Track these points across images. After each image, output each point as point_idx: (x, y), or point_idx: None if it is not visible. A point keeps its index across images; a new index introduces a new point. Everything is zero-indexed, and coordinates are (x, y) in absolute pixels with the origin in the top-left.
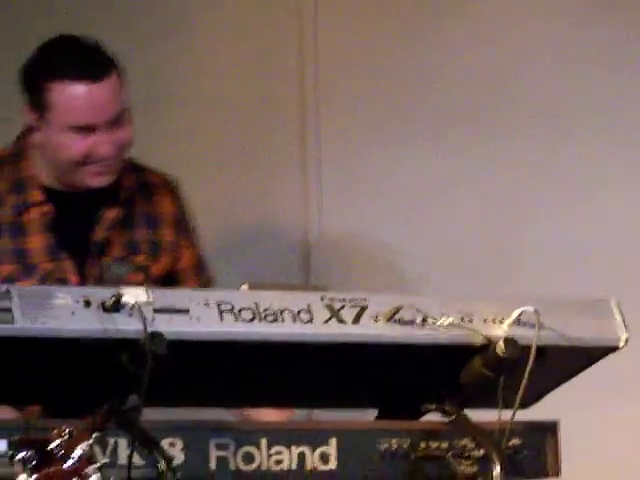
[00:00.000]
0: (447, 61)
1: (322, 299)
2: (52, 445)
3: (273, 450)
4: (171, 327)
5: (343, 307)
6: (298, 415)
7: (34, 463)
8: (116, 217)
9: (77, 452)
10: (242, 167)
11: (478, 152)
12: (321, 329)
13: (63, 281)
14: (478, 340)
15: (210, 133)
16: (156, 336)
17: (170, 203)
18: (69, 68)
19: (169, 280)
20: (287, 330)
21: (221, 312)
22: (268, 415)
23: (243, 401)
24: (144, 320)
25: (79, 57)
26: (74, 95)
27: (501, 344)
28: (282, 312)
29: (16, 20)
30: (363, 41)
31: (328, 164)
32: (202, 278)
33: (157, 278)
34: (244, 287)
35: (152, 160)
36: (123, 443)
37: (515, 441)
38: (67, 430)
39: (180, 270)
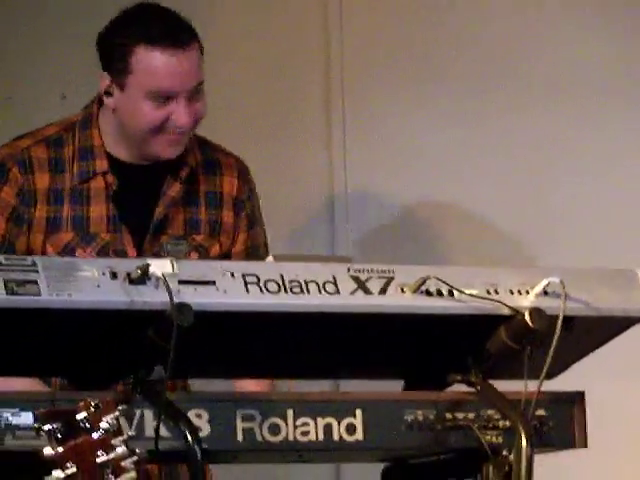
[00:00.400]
0: (475, 27)
1: (348, 270)
2: (78, 417)
3: (299, 421)
4: (197, 299)
5: (369, 278)
6: (324, 386)
7: (60, 435)
8: (177, 194)
9: (103, 424)
10: (268, 136)
11: (505, 119)
12: (347, 300)
13: (121, 253)
14: (504, 311)
15: (235, 105)
16: (182, 307)
17: (234, 185)
18: (156, 34)
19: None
20: (313, 301)
21: (247, 284)
22: (248, 386)
23: (268, 372)
24: (170, 292)
25: (165, 23)
26: (159, 60)
27: (527, 315)
28: (308, 283)
29: None
30: (389, 4)
31: (352, 130)
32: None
33: (213, 259)
34: (269, 258)
35: None
36: (149, 415)
37: (541, 412)
38: (93, 402)
39: (233, 254)
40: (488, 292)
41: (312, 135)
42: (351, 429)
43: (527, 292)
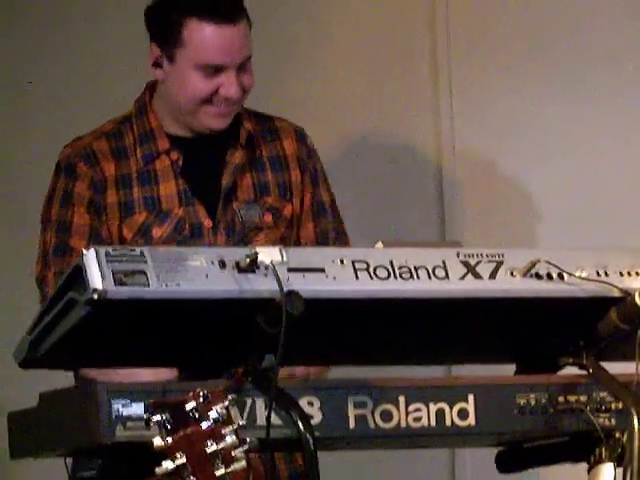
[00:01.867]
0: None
1: (457, 255)
2: (188, 407)
3: (411, 407)
4: (306, 286)
5: (479, 263)
6: (436, 372)
7: (170, 426)
8: (241, 160)
9: (213, 414)
10: (374, 105)
11: (618, 95)
12: (457, 285)
13: (197, 225)
14: (614, 293)
15: (342, 73)
16: (292, 295)
17: (295, 145)
18: (207, 7)
19: (310, 216)
20: (423, 287)
21: (356, 270)
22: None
23: (380, 359)
24: (279, 280)
25: None
26: (210, 34)
27: (637, 296)
28: (417, 269)
29: None
30: None
31: (460, 101)
32: (320, 224)
33: (288, 220)
34: (379, 245)
35: (287, 102)
36: (260, 404)
37: None
38: (203, 392)
39: (323, 206)
40: (598, 274)
41: (419, 112)
42: (463, 414)
43: (637, 273)
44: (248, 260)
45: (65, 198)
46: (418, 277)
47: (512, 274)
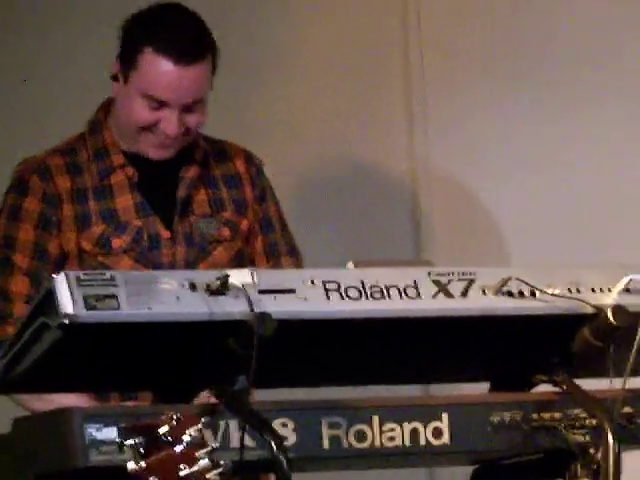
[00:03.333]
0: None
1: (429, 274)
2: (161, 431)
3: (385, 427)
4: (278, 307)
5: (450, 281)
6: (411, 391)
7: (143, 450)
8: (196, 175)
9: (186, 437)
10: (349, 119)
11: (588, 112)
12: (429, 304)
13: (155, 236)
14: (587, 309)
15: (315, 95)
16: (263, 317)
17: (245, 165)
18: (167, 41)
19: (259, 231)
20: (395, 307)
21: (327, 291)
22: None
23: (353, 379)
24: (250, 301)
25: (180, 33)
26: (161, 69)
27: (610, 312)
28: (389, 289)
29: None
30: None
31: (433, 123)
32: (268, 237)
33: (245, 234)
34: (350, 265)
35: (260, 122)
36: (234, 426)
37: (627, 409)
38: (175, 415)
39: (271, 221)
40: (570, 291)
41: (394, 132)
42: (438, 433)
43: (609, 290)
44: (219, 282)
45: (13, 213)
46: (390, 297)
47: (484, 292)
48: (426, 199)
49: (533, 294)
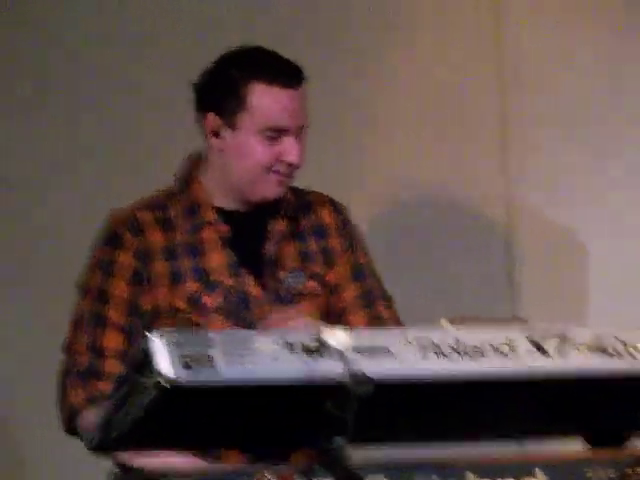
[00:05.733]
0: None
1: (524, 333)
2: None
3: None
4: (374, 367)
5: (545, 340)
6: (503, 447)
7: None
8: (284, 229)
9: None
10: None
11: None
12: (524, 363)
13: (246, 295)
14: None
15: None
16: (360, 377)
17: (332, 215)
18: (272, 71)
19: (351, 281)
20: (490, 366)
21: (423, 350)
22: None
23: (446, 437)
24: (347, 362)
25: (279, 62)
26: (275, 97)
27: None
28: (484, 348)
29: None
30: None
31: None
32: (362, 285)
33: (331, 286)
34: (444, 323)
35: (350, 171)
36: None
37: None
38: (269, 475)
39: (362, 269)
40: None
41: (489, 178)
42: None
43: None
44: (315, 342)
45: (107, 267)
46: (485, 355)
47: (579, 350)
48: (521, 253)
49: (628, 352)
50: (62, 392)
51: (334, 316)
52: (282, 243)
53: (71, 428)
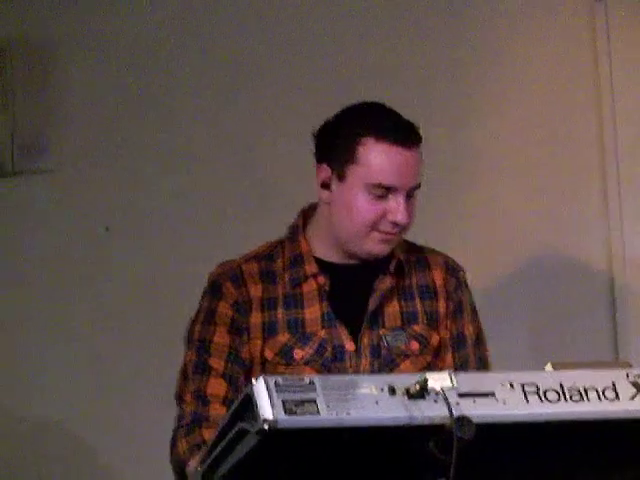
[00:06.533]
0: None
1: (627, 376)
2: None
3: None
4: (477, 411)
5: None
6: None
7: None
8: (389, 286)
9: None
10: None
11: None
12: (628, 406)
13: (339, 348)
14: None
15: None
16: (463, 420)
17: (444, 277)
18: (388, 128)
19: (452, 347)
20: (594, 409)
21: (526, 394)
22: None
23: None
24: (450, 405)
25: (396, 121)
26: (385, 153)
27: None
28: (587, 391)
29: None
30: None
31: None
32: (460, 353)
33: (435, 349)
34: (548, 367)
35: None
36: None
37: None
38: None
39: (465, 338)
40: None
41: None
42: None
43: None
44: (418, 386)
45: (208, 317)
46: (588, 399)
47: None
48: (624, 294)
49: None
50: (171, 445)
51: None
52: (385, 300)
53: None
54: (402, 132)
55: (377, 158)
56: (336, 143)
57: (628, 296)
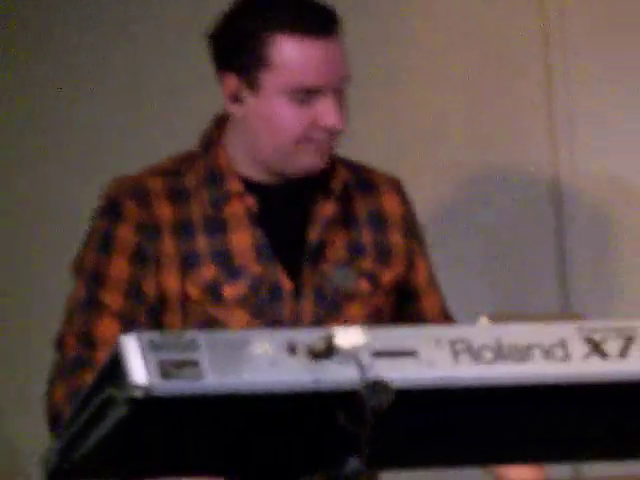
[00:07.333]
0: None
1: (579, 330)
2: None
3: None
4: (395, 373)
5: (606, 339)
6: (556, 470)
7: None
8: (332, 214)
9: None
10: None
11: None
12: (580, 367)
13: (276, 288)
14: None
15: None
16: (378, 385)
17: (398, 204)
18: (298, 18)
19: (402, 293)
20: (537, 371)
21: (455, 352)
22: (521, 474)
23: (484, 458)
24: (362, 367)
25: (305, 8)
26: (305, 51)
27: None
28: (531, 349)
29: None
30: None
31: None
32: (440, 294)
33: (387, 288)
34: (482, 320)
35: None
36: None
37: None
38: None
39: (418, 284)
40: None
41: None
42: None
43: None
44: (323, 343)
45: (104, 243)
46: (532, 359)
47: None
48: (573, 235)
49: None
50: (47, 392)
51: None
52: (328, 230)
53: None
54: (317, 20)
55: (293, 57)
56: (240, 46)
57: (576, 214)
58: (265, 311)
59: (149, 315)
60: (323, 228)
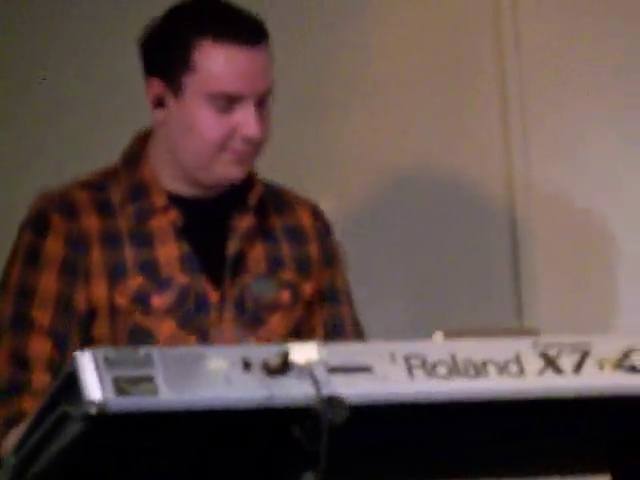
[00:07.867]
0: None
1: (534, 346)
2: None
3: None
4: (350, 389)
5: (560, 354)
6: None
7: None
8: (250, 226)
9: None
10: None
11: None
12: (535, 382)
13: (202, 298)
14: None
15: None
16: (333, 401)
17: (311, 217)
18: (224, 25)
19: (323, 295)
20: (493, 386)
21: (410, 367)
22: None
23: (441, 474)
24: (317, 382)
25: (236, 17)
26: (228, 57)
27: None
28: (486, 364)
29: None
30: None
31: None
32: (332, 309)
33: (308, 299)
34: (437, 336)
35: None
36: None
37: None
38: None
39: (337, 292)
40: None
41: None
42: None
43: None
44: (278, 359)
45: (31, 257)
46: (487, 374)
47: (601, 367)
48: (529, 245)
49: None
50: None
51: (307, 336)
52: (247, 242)
53: None
54: (245, 29)
55: (217, 62)
56: (166, 50)
57: (534, 241)
58: (191, 321)
59: (79, 328)
60: (241, 240)
